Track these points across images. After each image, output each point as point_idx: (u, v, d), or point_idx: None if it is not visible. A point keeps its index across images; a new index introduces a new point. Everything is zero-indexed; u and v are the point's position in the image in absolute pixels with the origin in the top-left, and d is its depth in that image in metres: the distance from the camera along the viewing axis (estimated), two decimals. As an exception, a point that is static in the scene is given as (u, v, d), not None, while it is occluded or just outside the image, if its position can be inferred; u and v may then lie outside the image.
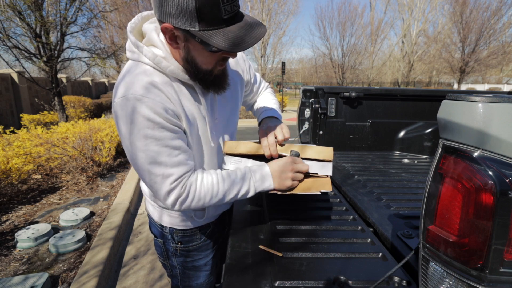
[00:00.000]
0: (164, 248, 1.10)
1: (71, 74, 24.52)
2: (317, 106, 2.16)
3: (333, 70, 27.50)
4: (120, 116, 0.77)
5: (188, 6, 0.67)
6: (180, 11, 0.69)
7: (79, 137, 4.11)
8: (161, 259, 1.15)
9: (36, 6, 5.64)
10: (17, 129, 4.69)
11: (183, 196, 0.83)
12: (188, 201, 0.84)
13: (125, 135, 0.78)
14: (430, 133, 2.21)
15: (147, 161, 0.78)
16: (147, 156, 0.78)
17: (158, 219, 1.06)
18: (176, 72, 0.82)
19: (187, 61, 0.81)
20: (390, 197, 1.35)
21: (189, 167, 0.84)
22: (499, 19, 20.56)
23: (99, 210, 3.30)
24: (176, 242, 1.07)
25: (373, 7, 30.13)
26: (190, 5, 0.67)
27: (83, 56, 7.18)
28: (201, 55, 0.79)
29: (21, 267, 2.27)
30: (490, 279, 0.55)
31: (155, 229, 1.10)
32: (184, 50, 0.79)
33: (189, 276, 1.12)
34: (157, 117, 0.76)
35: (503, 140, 0.53)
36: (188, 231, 1.06)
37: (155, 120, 0.76)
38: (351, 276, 0.78)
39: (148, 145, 0.77)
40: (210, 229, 1.11)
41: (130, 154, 0.81)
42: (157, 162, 0.79)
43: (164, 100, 0.79)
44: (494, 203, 0.53)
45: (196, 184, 0.85)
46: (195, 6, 0.67)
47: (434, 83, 32.63)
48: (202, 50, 0.77)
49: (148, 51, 0.80)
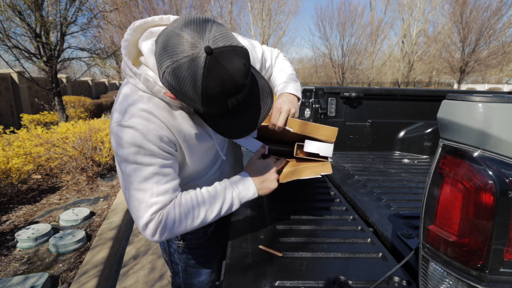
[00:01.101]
0: (167, 244, 1.12)
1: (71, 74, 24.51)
2: (317, 106, 2.16)
3: (333, 70, 27.51)
4: (114, 140, 0.77)
5: (193, 98, 0.66)
6: (187, 97, 0.67)
7: (79, 137, 4.11)
8: (164, 255, 1.17)
9: (36, 6, 5.64)
10: (17, 129, 4.69)
11: (160, 226, 0.79)
12: (168, 228, 0.80)
13: (117, 159, 0.78)
14: (430, 133, 2.21)
15: (134, 187, 0.77)
16: (135, 182, 0.77)
17: None
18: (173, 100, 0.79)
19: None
20: (390, 197, 1.35)
21: (174, 195, 0.82)
22: (499, 19, 20.56)
23: (99, 210, 3.30)
24: (179, 239, 1.08)
25: (373, 7, 30.13)
26: (197, 101, 0.66)
27: (83, 56, 7.18)
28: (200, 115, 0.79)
29: (21, 267, 2.27)
30: (490, 279, 0.55)
31: None
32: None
33: (191, 273, 1.13)
34: (150, 144, 0.75)
35: (503, 140, 0.53)
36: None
37: (146, 147, 0.75)
38: (351, 276, 0.78)
39: (138, 170, 0.76)
40: (213, 227, 1.11)
41: (121, 179, 0.81)
42: (143, 189, 0.77)
43: (160, 127, 0.78)
44: (494, 203, 0.53)
45: (174, 208, 0.81)
46: (202, 104, 0.67)
47: (434, 83, 32.62)
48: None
49: (145, 79, 0.76)
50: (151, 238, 0.80)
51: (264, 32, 24.14)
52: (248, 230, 1.02)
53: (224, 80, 0.63)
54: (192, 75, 0.62)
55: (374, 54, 28.48)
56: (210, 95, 0.65)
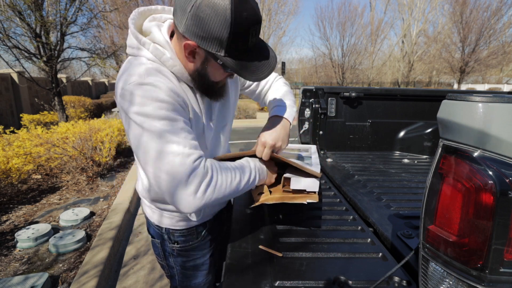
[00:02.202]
0: (161, 249, 1.09)
1: (71, 74, 24.52)
2: (317, 106, 2.16)
3: (333, 70, 27.52)
4: (133, 101, 0.73)
5: (220, 35, 0.70)
6: (211, 37, 0.71)
7: (79, 137, 4.11)
8: (159, 259, 1.14)
9: (36, 6, 5.63)
10: (17, 129, 4.69)
11: (207, 178, 0.75)
12: (211, 185, 0.76)
13: (139, 120, 0.73)
14: (430, 133, 2.21)
15: (166, 141, 0.72)
16: (166, 136, 0.73)
17: (154, 220, 1.06)
18: (181, 73, 0.82)
19: (197, 73, 0.82)
20: (390, 197, 1.35)
21: (202, 153, 0.79)
22: (499, 19, 20.57)
23: (99, 210, 3.30)
24: (173, 242, 1.06)
25: (373, 7, 30.14)
26: (223, 35, 0.70)
27: (83, 56, 7.17)
28: (215, 72, 0.82)
29: (21, 267, 2.27)
30: (490, 279, 0.55)
31: (153, 230, 1.09)
32: (200, 66, 0.81)
33: (187, 276, 1.12)
34: (172, 100, 0.75)
35: (503, 140, 0.53)
36: (185, 231, 1.05)
37: (170, 101, 0.74)
38: (351, 276, 0.78)
39: (167, 124, 0.73)
40: (207, 228, 1.10)
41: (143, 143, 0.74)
42: (176, 142, 0.73)
43: (174, 87, 0.78)
44: (494, 203, 0.53)
45: (212, 161, 0.80)
46: (228, 37, 0.70)
47: (434, 83, 32.62)
48: (219, 69, 0.80)
49: (154, 48, 0.79)
50: (194, 195, 0.74)
51: (264, 32, 24.14)
52: (248, 230, 1.02)
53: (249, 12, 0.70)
54: (220, 10, 0.67)
55: (374, 54, 28.49)
56: (237, 25, 0.69)
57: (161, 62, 0.80)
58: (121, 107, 0.77)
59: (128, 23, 0.83)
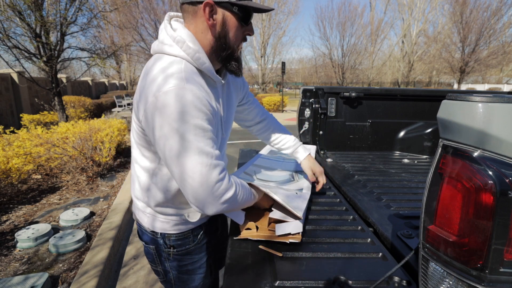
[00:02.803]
0: (156, 254, 1.07)
1: (71, 74, 24.51)
2: (317, 106, 2.16)
3: (333, 70, 27.52)
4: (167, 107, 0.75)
5: None
6: None
7: (79, 137, 4.11)
8: (152, 266, 1.12)
9: (36, 6, 5.63)
10: (17, 129, 4.69)
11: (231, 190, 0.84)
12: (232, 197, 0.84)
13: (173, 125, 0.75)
14: (430, 133, 2.21)
15: (195, 151, 0.77)
16: (197, 145, 0.77)
17: (149, 225, 1.03)
18: (209, 68, 0.88)
19: (219, 37, 0.88)
20: (390, 197, 1.35)
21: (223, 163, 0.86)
22: (499, 19, 20.57)
23: (99, 210, 3.30)
24: (169, 247, 1.04)
25: (373, 7, 30.16)
26: None
27: (83, 56, 7.17)
28: (233, 30, 0.88)
29: (21, 267, 2.27)
30: (490, 279, 0.55)
31: (146, 236, 1.07)
32: (219, 25, 0.87)
33: (183, 280, 1.10)
34: (205, 108, 0.79)
35: (503, 140, 0.53)
36: (181, 235, 1.04)
37: (204, 110, 0.79)
38: (351, 276, 0.78)
39: (198, 134, 0.78)
40: (202, 231, 1.09)
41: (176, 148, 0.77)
42: (205, 153, 0.78)
43: (206, 95, 0.83)
44: (494, 203, 0.53)
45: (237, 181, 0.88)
46: None
47: (434, 83, 32.63)
48: (235, 24, 0.87)
49: (187, 46, 0.84)
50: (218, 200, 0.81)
51: (264, 32, 24.15)
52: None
53: None
54: None
55: (374, 54, 28.49)
56: None
57: (193, 61, 0.85)
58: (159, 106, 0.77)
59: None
